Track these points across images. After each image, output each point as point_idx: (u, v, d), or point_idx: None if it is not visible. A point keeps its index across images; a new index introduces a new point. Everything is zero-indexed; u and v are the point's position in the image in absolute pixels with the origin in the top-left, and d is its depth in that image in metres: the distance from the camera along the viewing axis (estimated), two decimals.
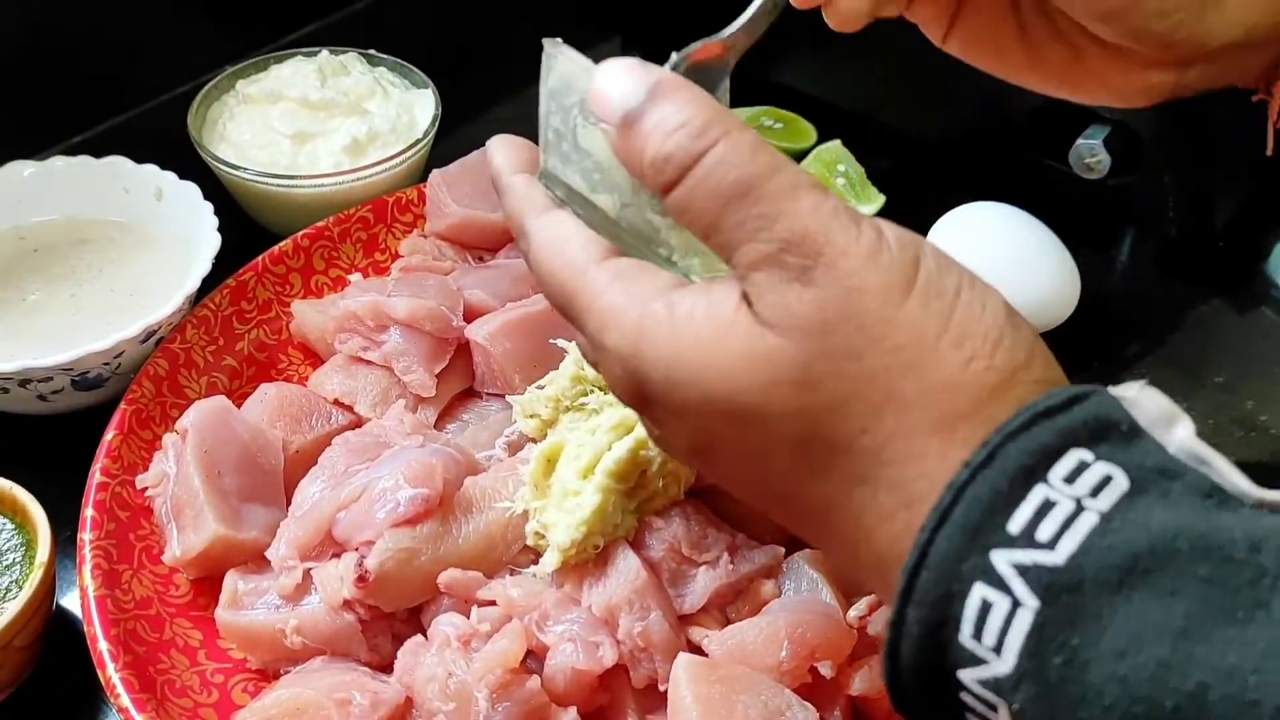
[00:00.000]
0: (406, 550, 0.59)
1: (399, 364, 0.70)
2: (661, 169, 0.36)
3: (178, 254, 0.77)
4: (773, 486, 0.38)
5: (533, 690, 0.55)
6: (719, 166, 0.35)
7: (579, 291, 0.39)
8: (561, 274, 0.40)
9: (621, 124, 0.37)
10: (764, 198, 0.35)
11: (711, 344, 0.36)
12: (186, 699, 0.58)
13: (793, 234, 0.34)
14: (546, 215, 0.42)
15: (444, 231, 0.80)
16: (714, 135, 0.35)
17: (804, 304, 0.34)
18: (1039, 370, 0.34)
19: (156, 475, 0.65)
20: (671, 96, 0.37)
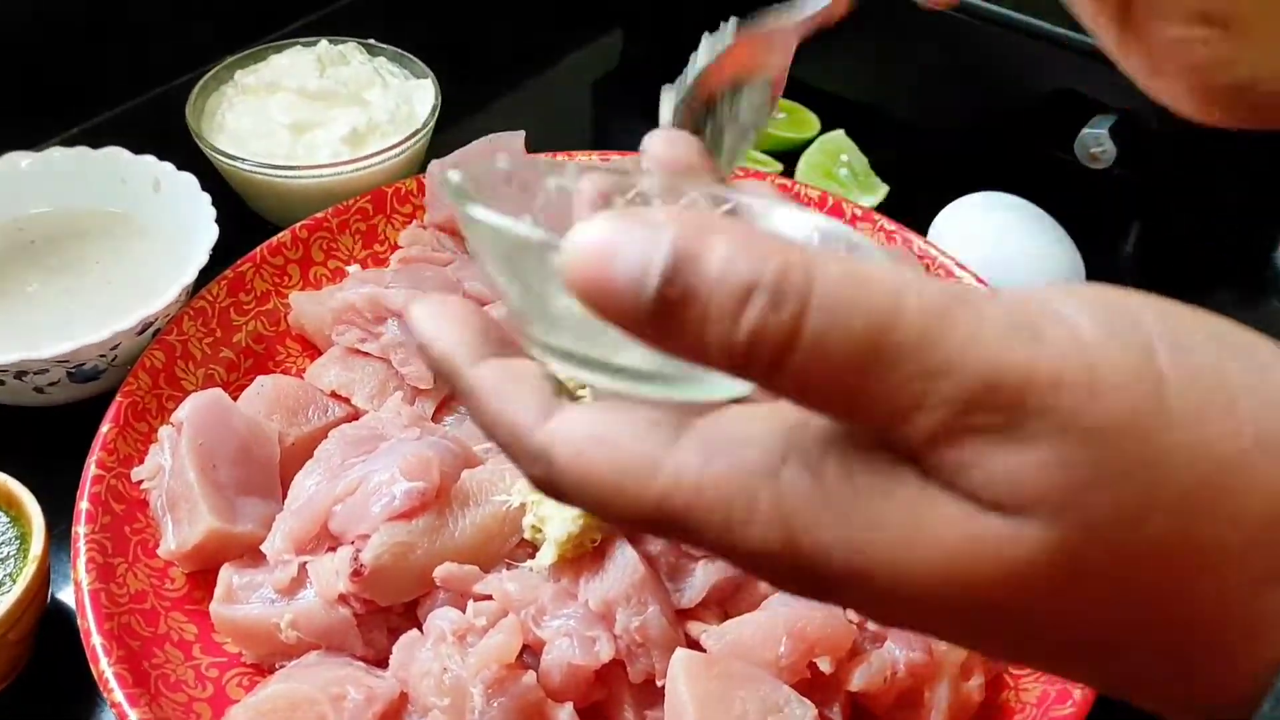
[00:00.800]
0: (402, 544, 0.58)
1: (397, 356, 0.69)
2: (746, 359, 0.23)
3: (175, 245, 0.77)
4: (1039, 664, 0.28)
5: (528, 685, 0.54)
6: (830, 330, 0.23)
7: (668, 494, 0.25)
8: (634, 478, 0.25)
9: (651, 317, 0.23)
10: (907, 350, 0.23)
11: (918, 545, 0.24)
12: (181, 693, 0.57)
13: (971, 387, 0.23)
14: (561, 415, 0.27)
15: (443, 222, 0.80)
16: (798, 287, 0.23)
17: (1031, 472, 0.23)
18: None
19: (152, 468, 0.64)
20: (707, 251, 0.23)
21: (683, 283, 0.23)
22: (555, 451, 0.26)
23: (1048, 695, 0.57)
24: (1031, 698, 0.58)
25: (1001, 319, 0.23)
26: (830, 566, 0.25)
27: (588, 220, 0.24)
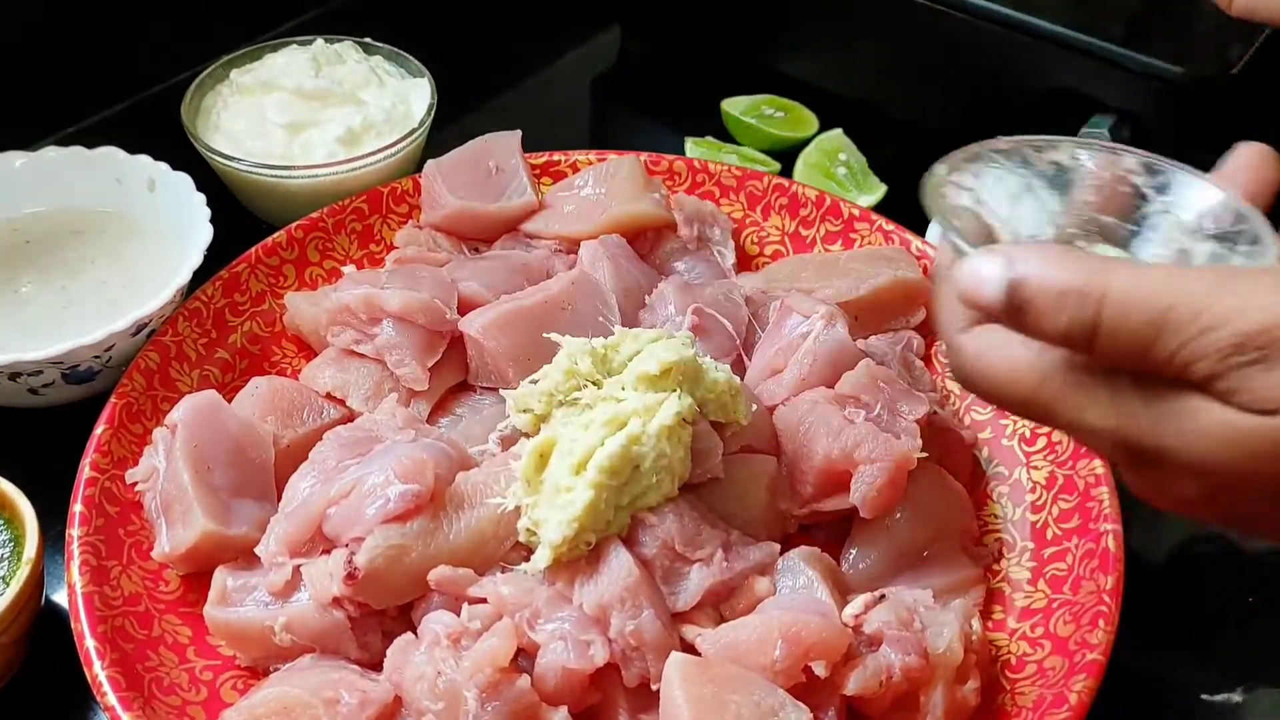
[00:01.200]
0: (396, 547, 0.58)
1: (392, 357, 0.69)
2: (1069, 343, 0.39)
3: (170, 245, 0.77)
4: None
5: (522, 690, 0.54)
6: (1120, 325, 0.37)
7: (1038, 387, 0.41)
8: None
9: (1006, 316, 0.40)
10: (1177, 328, 0.36)
11: (1210, 431, 0.37)
12: (175, 696, 0.57)
13: (1229, 342, 0.35)
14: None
15: (439, 222, 0.79)
16: (1094, 298, 0.37)
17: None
18: None
19: (146, 470, 0.64)
20: (1026, 287, 0.39)
21: (1022, 294, 0.39)
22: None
23: (1044, 699, 0.56)
24: (1028, 701, 0.57)
25: (1246, 285, 0.35)
26: (1143, 443, 0.39)
27: (970, 258, 0.40)
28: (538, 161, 0.84)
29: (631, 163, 0.82)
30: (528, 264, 0.76)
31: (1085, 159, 0.47)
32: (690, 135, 0.98)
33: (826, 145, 0.96)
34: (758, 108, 0.99)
